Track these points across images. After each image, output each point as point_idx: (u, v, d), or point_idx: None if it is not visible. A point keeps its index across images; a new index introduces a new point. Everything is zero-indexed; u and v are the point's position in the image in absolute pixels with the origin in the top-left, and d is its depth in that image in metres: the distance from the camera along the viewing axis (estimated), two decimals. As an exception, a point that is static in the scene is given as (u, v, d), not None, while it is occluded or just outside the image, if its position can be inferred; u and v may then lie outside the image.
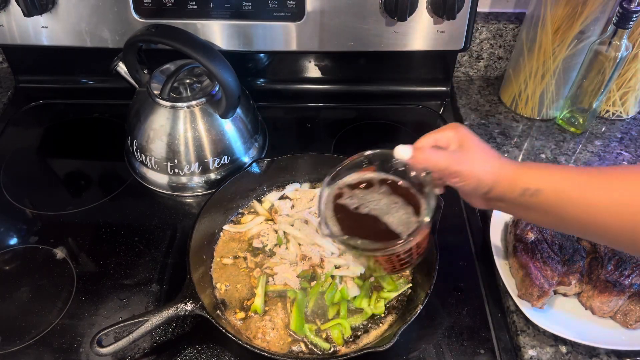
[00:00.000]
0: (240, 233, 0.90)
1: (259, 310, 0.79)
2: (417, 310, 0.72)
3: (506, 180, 0.60)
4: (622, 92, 1.09)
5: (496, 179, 0.60)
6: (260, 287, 0.80)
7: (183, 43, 0.86)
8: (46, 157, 1.08)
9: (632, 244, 0.56)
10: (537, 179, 0.59)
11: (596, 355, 0.76)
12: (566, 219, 0.59)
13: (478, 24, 1.15)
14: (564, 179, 0.58)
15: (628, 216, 0.54)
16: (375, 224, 0.65)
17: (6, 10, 0.97)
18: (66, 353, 0.76)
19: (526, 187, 0.59)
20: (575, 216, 0.58)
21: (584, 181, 0.57)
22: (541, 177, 0.59)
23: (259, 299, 0.79)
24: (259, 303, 0.79)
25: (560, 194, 0.58)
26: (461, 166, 0.60)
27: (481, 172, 0.60)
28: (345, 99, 1.21)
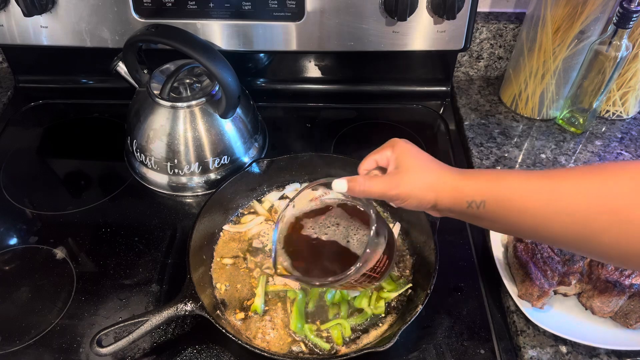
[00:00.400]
0: (240, 233, 0.90)
1: (258, 311, 0.79)
2: (417, 310, 0.72)
3: (450, 194, 0.59)
4: (622, 92, 1.09)
5: (438, 195, 0.60)
6: (260, 287, 0.80)
7: (183, 43, 0.86)
8: (46, 157, 1.08)
9: (583, 251, 0.55)
10: (481, 191, 0.58)
11: (596, 355, 0.76)
12: (515, 227, 0.58)
13: (478, 23, 1.15)
14: (509, 188, 0.57)
15: (572, 225, 0.52)
16: (336, 250, 0.66)
17: (6, 10, 0.97)
18: (66, 353, 0.76)
19: (471, 199, 0.58)
20: (524, 224, 0.56)
21: (531, 189, 0.55)
22: (485, 188, 0.58)
23: (259, 299, 0.79)
24: (259, 303, 0.79)
25: (506, 204, 0.56)
26: (397, 190, 0.60)
27: (419, 191, 0.60)
28: (345, 99, 1.21)
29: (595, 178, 0.52)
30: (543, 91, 1.08)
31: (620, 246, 0.50)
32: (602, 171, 0.53)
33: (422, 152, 0.64)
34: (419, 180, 0.60)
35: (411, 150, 0.63)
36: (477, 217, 0.59)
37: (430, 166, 0.62)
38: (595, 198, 0.51)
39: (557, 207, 0.53)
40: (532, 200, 0.55)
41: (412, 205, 0.61)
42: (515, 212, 0.56)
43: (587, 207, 0.51)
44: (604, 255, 0.53)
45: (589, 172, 0.53)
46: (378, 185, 0.61)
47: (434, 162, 0.63)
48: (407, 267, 0.85)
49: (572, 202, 0.52)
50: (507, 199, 0.56)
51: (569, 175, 0.54)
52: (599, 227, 0.51)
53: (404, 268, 0.85)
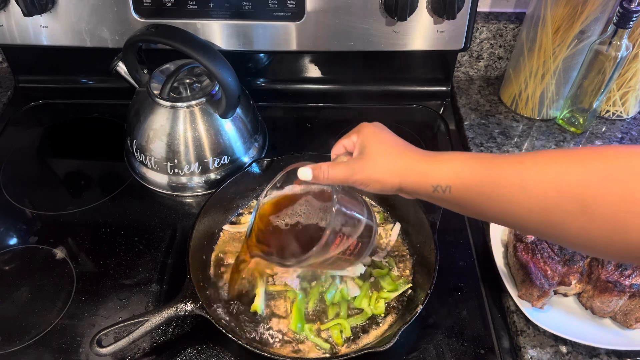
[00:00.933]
0: (240, 233, 0.90)
1: (259, 311, 0.79)
2: (417, 310, 0.72)
3: (415, 178, 0.59)
4: (622, 92, 1.09)
5: (402, 179, 0.60)
6: (260, 287, 0.80)
7: (183, 43, 0.86)
8: (46, 157, 1.08)
9: (549, 238, 0.54)
10: (447, 176, 0.57)
11: (596, 355, 0.76)
12: (482, 213, 0.57)
13: (478, 23, 1.15)
14: (473, 173, 0.55)
15: (539, 212, 0.51)
16: (310, 234, 0.68)
17: (6, 10, 0.97)
18: (66, 353, 0.76)
19: (437, 184, 0.58)
20: (490, 210, 0.55)
21: (499, 175, 0.54)
22: (451, 173, 0.57)
23: (259, 299, 0.79)
24: (259, 303, 0.79)
25: (472, 189, 0.56)
26: (359, 175, 0.61)
27: (382, 176, 0.60)
28: (345, 99, 1.21)
29: (564, 163, 0.50)
30: (543, 91, 1.08)
31: (586, 235, 0.49)
32: (573, 156, 0.51)
33: (389, 135, 0.64)
34: (382, 164, 0.60)
35: (377, 134, 0.63)
36: (444, 200, 0.59)
37: (395, 150, 0.61)
38: (563, 185, 0.49)
39: (525, 194, 0.52)
40: (500, 187, 0.53)
41: (376, 189, 0.62)
42: (482, 197, 0.55)
43: (555, 194, 0.50)
44: (570, 243, 0.52)
45: (559, 157, 0.51)
46: (341, 172, 0.61)
47: (399, 145, 0.62)
48: (407, 267, 0.85)
49: (539, 188, 0.51)
50: (474, 185, 0.55)
51: (539, 160, 0.52)
52: (565, 216, 0.49)
53: (403, 268, 0.85)
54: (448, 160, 0.59)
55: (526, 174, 0.52)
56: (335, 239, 0.64)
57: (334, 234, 0.63)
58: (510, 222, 0.56)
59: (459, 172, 0.57)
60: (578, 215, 0.48)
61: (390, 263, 0.85)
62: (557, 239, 0.54)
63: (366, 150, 0.62)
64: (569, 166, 0.50)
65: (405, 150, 0.62)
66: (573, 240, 0.51)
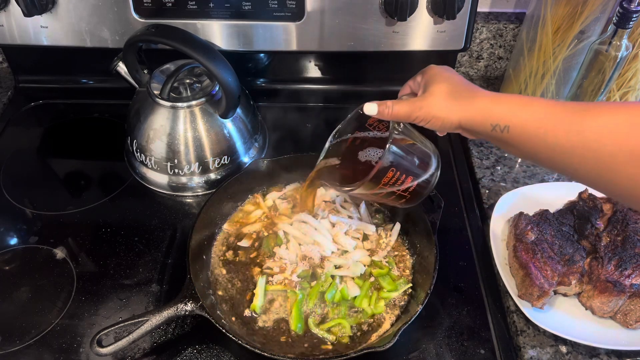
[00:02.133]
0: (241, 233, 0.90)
1: (257, 310, 0.79)
2: (417, 310, 0.72)
3: (475, 116, 0.61)
4: (622, 92, 1.09)
5: (462, 116, 0.62)
6: (259, 287, 0.80)
7: (183, 43, 0.86)
8: (46, 157, 1.08)
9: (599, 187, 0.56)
10: (506, 115, 0.59)
11: (596, 355, 0.76)
12: (536, 156, 0.59)
13: (478, 23, 1.15)
14: (534, 116, 0.57)
15: (593, 161, 0.53)
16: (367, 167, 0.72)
17: (6, 10, 0.97)
18: (66, 353, 0.76)
19: (495, 123, 0.59)
20: (544, 154, 0.57)
21: (556, 120, 0.56)
22: (511, 114, 0.58)
23: (258, 299, 0.79)
24: (257, 303, 0.79)
25: (529, 132, 0.57)
26: (420, 112, 0.64)
27: (442, 113, 0.63)
28: (345, 99, 1.21)
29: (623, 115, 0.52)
30: (543, 91, 1.08)
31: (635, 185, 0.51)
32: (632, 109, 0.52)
33: (454, 75, 0.66)
34: (443, 102, 0.63)
35: (441, 74, 0.65)
36: (501, 140, 0.60)
37: (457, 88, 0.63)
38: (621, 136, 0.51)
39: (580, 141, 0.53)
40: (555, 131, 0.55)
41: (436, 125, 0.64)
42: (537, 141, 0.57)
43: (612, 145, 0.51)
44: (621, 194, 0.54)
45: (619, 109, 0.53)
46: (403, 108, 0.65)
47: (462, 84, 0.64)
48: (407, 267, 0.85)
49: (596, 139, 0.52)
50: (531, 127, 0.57)
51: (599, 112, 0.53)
52: (619, 165, 0.51)
53: (403, 268, 0.85)
54: (509, 101, 0.60)
55: (585, 123, 0.53)
56: (386, 173, 0.66)
57: (385, 167, 0.66)
58: (561, 168, 0.58)
59: (517, 113, 0.58)
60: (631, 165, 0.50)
61: (391, 263, 0.85)
62: (607, 189, 0.55)
63: (429, 89, 0.64)
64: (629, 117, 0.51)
65: (468, 88, 0.64)
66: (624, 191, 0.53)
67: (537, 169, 1.03)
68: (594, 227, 0.84)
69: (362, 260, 0.85)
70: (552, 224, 0.84)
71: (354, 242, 0.87)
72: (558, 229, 0.83)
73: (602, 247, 0.80)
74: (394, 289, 0.81)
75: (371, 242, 0.88)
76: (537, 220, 0.84)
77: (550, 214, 0.86)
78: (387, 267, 0.84)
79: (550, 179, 1.01)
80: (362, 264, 0.84)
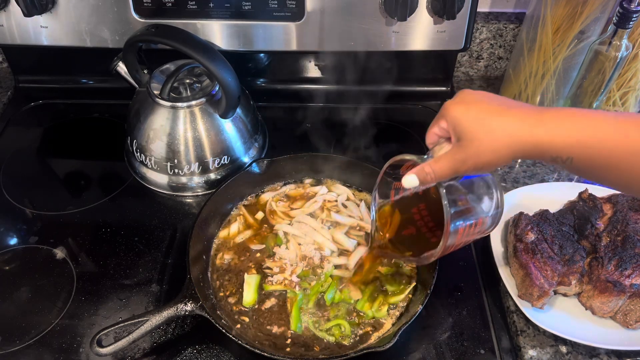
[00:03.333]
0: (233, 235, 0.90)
1: (250, 304, 0.79)
2: (417, 310, 0.72)
3: (530, 150, 0.53)
4: (622, 92, 1.09)
5: (514, 153, 0.54)
6: (247, 284, 0.81)
7: (183, 43, 0.86)
8: (46, 157, 1.08)
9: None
10: (567, 149, 0.52)
11: (596, 355, 0.76)
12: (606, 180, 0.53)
13: (478, 23, 1.15)
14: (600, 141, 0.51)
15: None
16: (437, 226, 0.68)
17: (6, 10, 0.97)
18: (66, 353, 0.76)
19: (556, 155, 0.53)
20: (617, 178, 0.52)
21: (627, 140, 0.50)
22: (571, 141, 0.51)
23: (249, 294, 0.80)
24: (247, 299, 0.80)
25: (597, 160, 0.51)
26: (467, 164, 0.56)
27: (491, 157, 0.55)
28: (345, 99, 1.21)
29: None
30: (543, 91, 1.08)
31: None
32: None
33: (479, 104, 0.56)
34: (486, 145, 0.54)
35: (466, 112, 0.56)
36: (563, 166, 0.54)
37: (495, 122, 0.54)
38: None
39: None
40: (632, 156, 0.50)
41: (490, 169, 0.58)
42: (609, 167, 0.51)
43: None
44: None
45: None
46: (446, 168, 0.57)
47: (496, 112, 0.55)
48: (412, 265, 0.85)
49: None
50: (601, 156, 0.51)
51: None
52: None
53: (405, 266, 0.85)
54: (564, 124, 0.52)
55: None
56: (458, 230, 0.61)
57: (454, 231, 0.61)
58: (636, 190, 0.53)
59: (581, 141, 0.51)
60: None
61: (398, 261, 0.85)
62: None
63: (463, 135, 0.56)
64: None
65: (507, 115, 0.54)
66: None
67: (537, 168, 1.03)
68: (594, 227, 0.84)
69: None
70: (552, 224, 0.84)
71: (355, 241, 0.87)
72: (558, 229, 0.83)
73: (602, 247, 0.80)
74: (398, 290, 0.81)
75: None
76: (537, 220, 0.84)
77: (550, 214, 0.86)
78: (393, 267, 0.84)
79: (550, 179, 1.01)
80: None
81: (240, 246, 0.88)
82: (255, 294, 0.81)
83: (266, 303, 0.80)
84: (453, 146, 0.58)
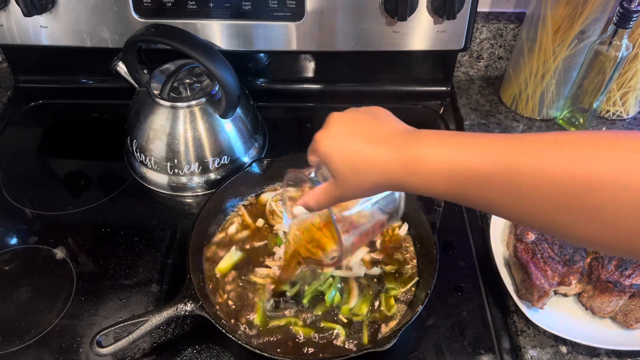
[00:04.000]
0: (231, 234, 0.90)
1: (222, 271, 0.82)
2: (417, 310, 0.72)
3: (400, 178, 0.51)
4: (622, 92, 1.09)
5: (380, 185, 0.53)
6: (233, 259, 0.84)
7: (183, 43, 0.86)
8: (46, 157, 1.08)
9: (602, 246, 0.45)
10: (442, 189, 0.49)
11: (596, 355, 0.76)
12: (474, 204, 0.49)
13: (478, 23, 1.15)
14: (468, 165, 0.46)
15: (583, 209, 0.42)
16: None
17: (6, 10, 0.97)
18: (66, 353, 0.76)
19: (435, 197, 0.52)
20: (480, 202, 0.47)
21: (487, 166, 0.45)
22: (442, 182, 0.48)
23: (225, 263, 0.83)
24: (224, 265, 0.82)
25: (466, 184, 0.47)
26: (344, 197, 0.56)
27: (367, 192, 0.55)
28: (345, 99, 1.21)
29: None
30: (543, 91, 1.08)
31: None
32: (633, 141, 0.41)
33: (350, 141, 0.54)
34: (357, 186, 0.54)
35: (335, 153, 0.54)
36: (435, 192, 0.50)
37: (361, 165, 0.52)
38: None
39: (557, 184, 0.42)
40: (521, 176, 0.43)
41: (366, 197, 0.58)
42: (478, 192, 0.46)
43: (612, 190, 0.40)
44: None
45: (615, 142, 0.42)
46: (325, 201, 0.58)
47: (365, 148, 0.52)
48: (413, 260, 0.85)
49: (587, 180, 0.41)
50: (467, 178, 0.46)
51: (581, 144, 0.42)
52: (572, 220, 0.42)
53: (410, 258, 0.85)
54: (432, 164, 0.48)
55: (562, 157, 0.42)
56: (355, 241, 0.63)
57: (349, 245, 0.62)
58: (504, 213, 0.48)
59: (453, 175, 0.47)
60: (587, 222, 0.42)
61: (402, 256, 0.85)
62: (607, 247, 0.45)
63: (335, 174, 0.55)
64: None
65: (373, 145, 0.52)
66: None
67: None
68: (594, 227, 0.83)
69: (364, 258, 0.85)
70: (552, 224, 0.84)
71: (354, 241, 0.86)
72: (558, 229, 0.83)
73: (602, 247, 0.80)
74: (399, 286, 0.81)
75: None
76: (537, 220, 0.84)
77: (551, 214, 0.86)
78: (396, 264, 0.84)
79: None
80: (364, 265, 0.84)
81: (239, 245, 0.88)
82: (230, 267, 0.83)
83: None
84: (331, 179, 0.56)
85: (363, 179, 0.53)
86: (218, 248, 0.87)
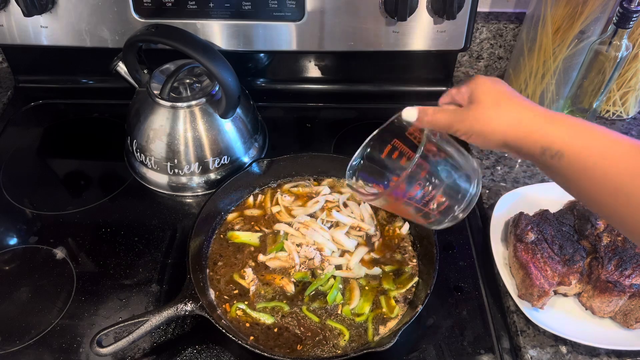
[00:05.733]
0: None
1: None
2: (417, 310, 0.72)
3: (524, 135, 0.53)
4: (622, 92, 1.09)
5: (507, 134, 0.54)
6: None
7: (183, 43, 0.86)
8: (46, 157, 1.08)
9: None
10: (561, 139, 0.50)
11: (596, 355, 0.76)
12: (591, 193, 0.50)
13: (478, 23, 1.15)
14: (595, 143, 0.49)
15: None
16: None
17: (6, 10, 0.97)
18: (66, 353, 0.76)
19: (547, 146, 0.51)
20: (604, 191, 0.48)
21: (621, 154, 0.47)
22: (567, 138, 0.50)
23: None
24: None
25: (587, 162, 0.49)
26: (462, 124, 0.57)
27: (485, 128, 0.55)
28: (345, 99, 1.21)
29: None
30: (543, 91, 1.08)
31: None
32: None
33: (503, 86, 0.58)
34: (487, 116, 0.55)
35: (487, 84, 0.57)
36: (550, 168, 0.53)
37: (506, 102, 0.55)
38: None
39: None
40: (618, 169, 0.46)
41: (478, 142, 0.58)
42: (594, 178, 0.48)
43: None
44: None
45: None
46: (444, 117, 0.59)
47: (512, 97, 0.56)
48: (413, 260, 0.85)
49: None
50: (589, 156, 0.48)
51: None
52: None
53: (410, 258, 0.85)
54: (567, 122, 0.51)
55: None
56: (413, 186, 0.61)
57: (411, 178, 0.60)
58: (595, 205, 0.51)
59: (575, 137, 0.49)
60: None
61: (402, 256, 0.85)
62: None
63: (474, 100, 0.57)
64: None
65: (518, 104, 0.55)
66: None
67: (537, 168, 1.03)
68: (594, 227, 0.84)
69: (364, 258, 0.85)
70: (552, 224, 0.84)
71: (355, 241, 0.87)
72: (558, 229, 0.83)
73: (602, 247, 0.80)
74: (398, 287, 0.81)
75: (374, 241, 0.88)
76: (537, 220, 0.84)
77: (551, 214, 0.86)
78: (396, 265, 0.84)
79: (550, 179, 1.01)
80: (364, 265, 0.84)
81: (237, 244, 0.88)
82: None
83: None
84: (460, 109, 0.59)
85: (496, 114, 0.55)
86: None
